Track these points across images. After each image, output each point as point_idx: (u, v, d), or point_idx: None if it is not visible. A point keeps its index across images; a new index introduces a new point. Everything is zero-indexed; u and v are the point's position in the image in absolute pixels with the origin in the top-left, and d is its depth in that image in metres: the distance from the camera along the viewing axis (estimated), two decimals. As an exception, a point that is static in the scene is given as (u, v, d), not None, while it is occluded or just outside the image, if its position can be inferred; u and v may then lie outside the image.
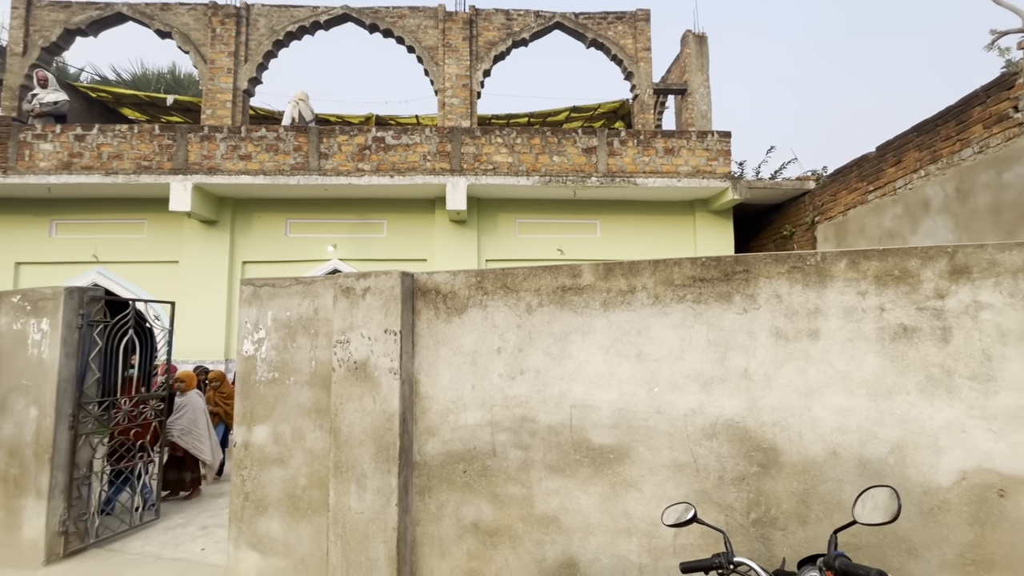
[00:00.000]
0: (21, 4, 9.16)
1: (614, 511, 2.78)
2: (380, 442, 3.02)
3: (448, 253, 8.67)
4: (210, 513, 5.05)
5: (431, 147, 8.15)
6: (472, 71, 9.33)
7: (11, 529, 4.01)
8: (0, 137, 7.95)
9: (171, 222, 8.66)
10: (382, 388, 3.05)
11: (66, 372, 4.12)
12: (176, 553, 4.15)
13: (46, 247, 8.74)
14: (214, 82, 9.11)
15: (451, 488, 3.04)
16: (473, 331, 3.09)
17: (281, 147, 8.07)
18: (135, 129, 8.11)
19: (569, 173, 8.19)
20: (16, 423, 4.10)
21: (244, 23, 9.26)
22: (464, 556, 2.98)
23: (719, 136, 8.42)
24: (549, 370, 2.95)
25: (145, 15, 9.28)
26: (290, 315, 3.46)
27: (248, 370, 3.49)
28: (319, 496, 3.26)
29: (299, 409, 3.37)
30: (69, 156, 7.97)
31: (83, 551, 4.16)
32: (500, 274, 3.09)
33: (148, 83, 15.49)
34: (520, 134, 8.26)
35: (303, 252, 8.78)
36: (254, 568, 3.33)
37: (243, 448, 3.43)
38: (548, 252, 8.88)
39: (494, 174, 8.13)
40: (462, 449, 3.04)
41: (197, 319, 8.31)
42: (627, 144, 8.28)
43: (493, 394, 3.02)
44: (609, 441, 2.82)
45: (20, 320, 4.19)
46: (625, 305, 2.88)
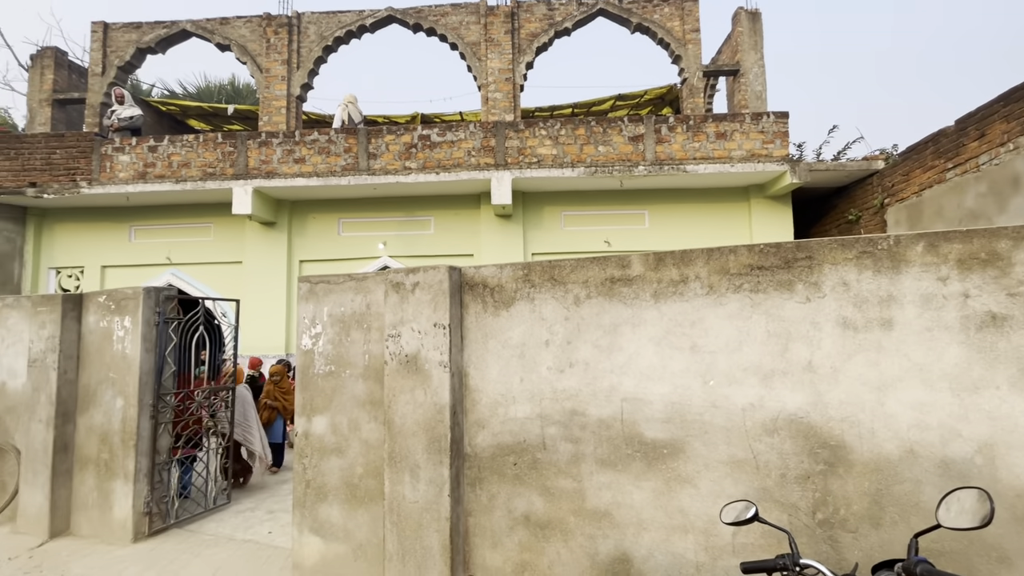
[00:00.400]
0: (99, 28, 9.94)
1: (669, 507, 2.71)
2: (432, 434, 3.08)
3: (494, 248, 8.71)
4: (276, 499, 5.34)
5: (475, 143, 8.20)
6: (515, 64, 9.29)
7: (104, 509, 4.40)
8: (85, 151, 8.69)
9: (234, 225, 9.18)
10: (432, 381, 3.11)
11: (146, 365, 4.46)
12: (246, 535, 4.42)
13: (127, 251, 9.49)
14: (269, 90, 9.55)
15: (502, 480, 3.06)
16: (521, 324, 3.08)
17: (332, 149, 8.36)
18: (200, 138, 8.64)
19: (615, 163, 8.02)
20: (105, 412, 4.49)
21: (295, 31, 9.64)
22: (516, 548, 3.00)
23: (775, 117, 7.99)
24: (598, 363, 2.90)
25: (206, 30, 9.84)
26: (344, 310, 3.58)
27: (307, 363, 3.64)
28: (375, 485, 3.37)
29: (354, 401, 3.49)
30: (144, 166, 8.60)
31: (165, 531, 4.51)
32: (547, 266, 3.07)
33: (211, 94, 16.47)
34: (564, 125, 8.15)
35: (355, 250, 9.08)
36: (316, 552, 3.49)
37: (304, 438, 3.60)
38: (595, 244, 8.75)
39: (538, 167, 8.08)
40: (512, 442, 3.05)
41: (260, 315, 8.79)
42: (676, 130, 8.00)
43: (542, 387, 3.00)
44: (662, 436, 2.74)
45: (106, 318, 4.58)
46: (677, 296, 2.78)
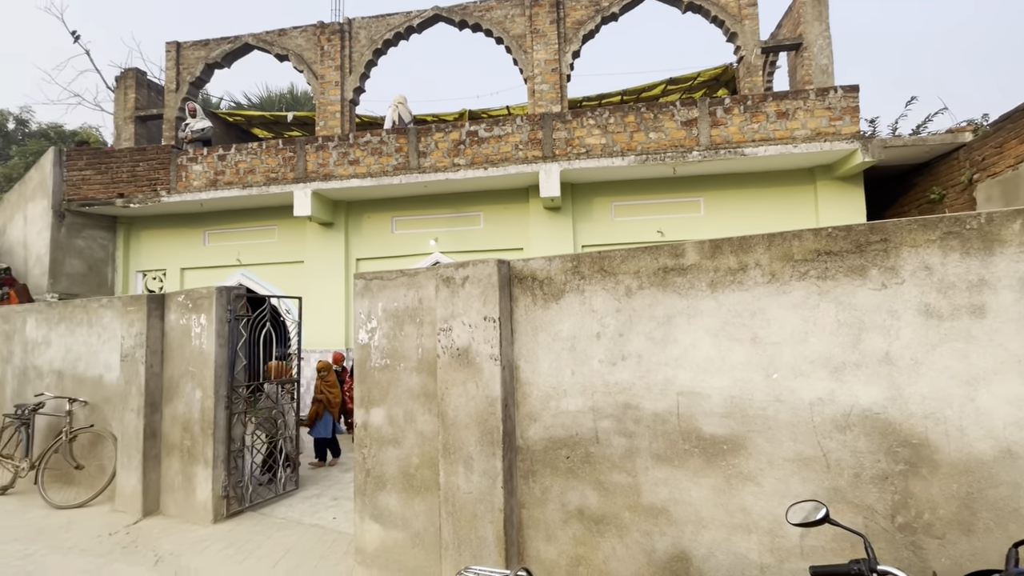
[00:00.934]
0: (173, 48, 10.71)
1: (729, 505, 2.59)
2: (484, 426, 3.11)
3: (543, 240, 8.67)
4: (340, 486, 5.60)
5: (522, 136, 8.17)
6: (561, 54, 9.16)
7: (188, 491, 4.78)
8: (164, 163, 9.41)
9: (296, 226, 9.66)
10: (484, 374, 3.13)
11: (220, 359, 4.79)
12: (313, 520, 4.66)
13: (202, 254, 10.22)
14: (324, 96, 9.95)
15: (555, 473, 3.04)
16: (571, 316, 3.05)
17: (384, 149, 8.60)
18: (263, 146, 9.14)
19: (667, 149, 7.75)
20: (186, 403, 4.86)
21: (347, 37, 9.97)
22: (570, 541, 2.98)
23: (844, 92, 7.42)
24: (652, 355, 2.82)
25: (266, 42, 10.37)
26: (397, 305, 3.67)
27: (364, 357, 3.78)
28: (430, 475, 3.45)
29: (409, 393, 3.58)
30: (215, 174, 9.21)
31: (241, 513, 4.83)
32: (597, 257, 3.01)
33: (272, 103, 17.39)
34: (613, 113, 7.96)
35: (408, 247, 9.32)
36: (377, 538, 3.63)
37: (363, 428, 3.74)
38: (647, 234, 8.51)
39: (587, 157, 7.95)
40: (564, 435, 3.02)
41: (320, 312, 9.22)
42: (732, 112, 7.62)
43: (594, 380, 2.96)
44: (721, 431, 2.63)
45: (185, 316, 4.94)
46: (736, 285, 2.65)
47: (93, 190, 9.55)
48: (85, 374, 5.79)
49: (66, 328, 6.07)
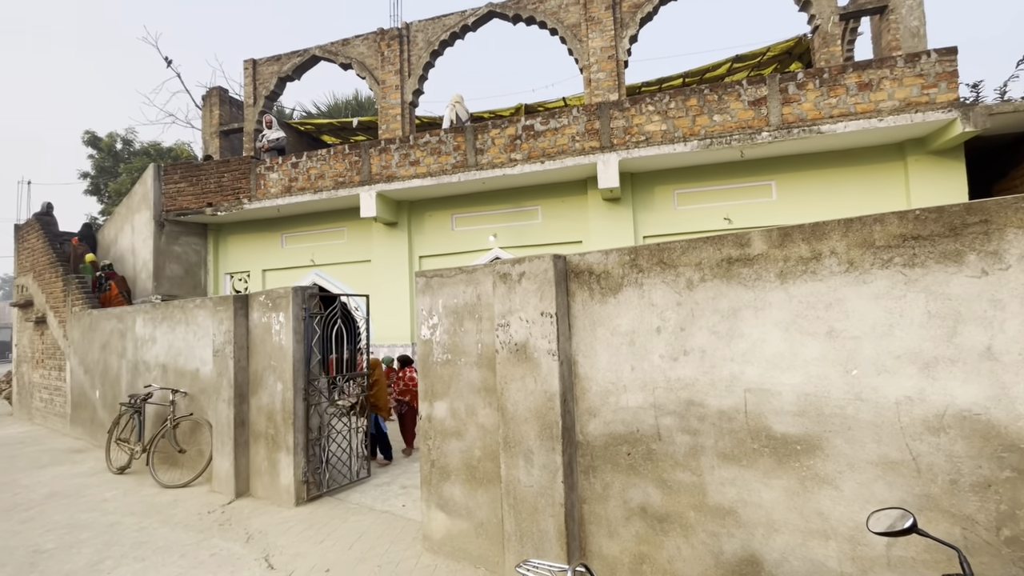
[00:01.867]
0: (250, 65, 11.52)
1: (804, 509, 2.45)
2: (543, 420, 3.13)
3: (603, 233, 8.52)
4: (408, 475, 5.84)
5: (579, 127, 8.05)
6: (617, 40, 8.91)
7: (272, 476, 5.18)
8: (245, 173, 10.18)
9: (363, 227, 10.13)
10: (542, 369, 3.15)
11: (298, 354, 5.13)
12: (384, 507, 4.90)
13: (280, 256, 10.98)
14: (386, 100, 10.32)
15: (616, 470, 3.00)
16: (629, 311, 2.98)
17: (443, 149, 8.79)
18: (331, 151, 9.64)
19: (734, 132, 7.34)
20: (269, 394, 5.26)
21: (405, 41, 10.27)
22: (633, 539, 2.93)
23: (939, 56, 6.67)
24: (716, 350, 2.70)
25: (331, 52, 10.90)
26: (457, 302, 3.76)
27: (426, 352, 3.91)
28: (492, 468, 3.52)
29: (470, 387, 3.66)
30: (289, 181, 9.84)
31: (319, 498, 5.17)
32: (655, 249, 2.92)
33: (339, 110, 18.27)
34: (673, 97, 7.65)
35: (468, 243, 9.49)
36: (443, 526, 3.76)
37: (427, 421, 3.88)
38: (713, 222, 8.13)
39: (647, 145, 7.70)
40: (625, 431, 2.98)
41: (387, 309, 9.62)
42: (806, 87, 7.08)
43: (654, 376, 2.88)
44: (794, 430, 2.48)
45: (266, 315, 5.34)
46: (809, 275, 2.48)
47: (187, 201, 10.52)
48: (184, 367, 6.42)
49: (168, 326, 6.75)
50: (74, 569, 3.89)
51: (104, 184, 18.29)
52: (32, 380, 10.91)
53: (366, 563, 3.76)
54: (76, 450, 7.89)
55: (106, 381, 7.99)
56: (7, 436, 9.34)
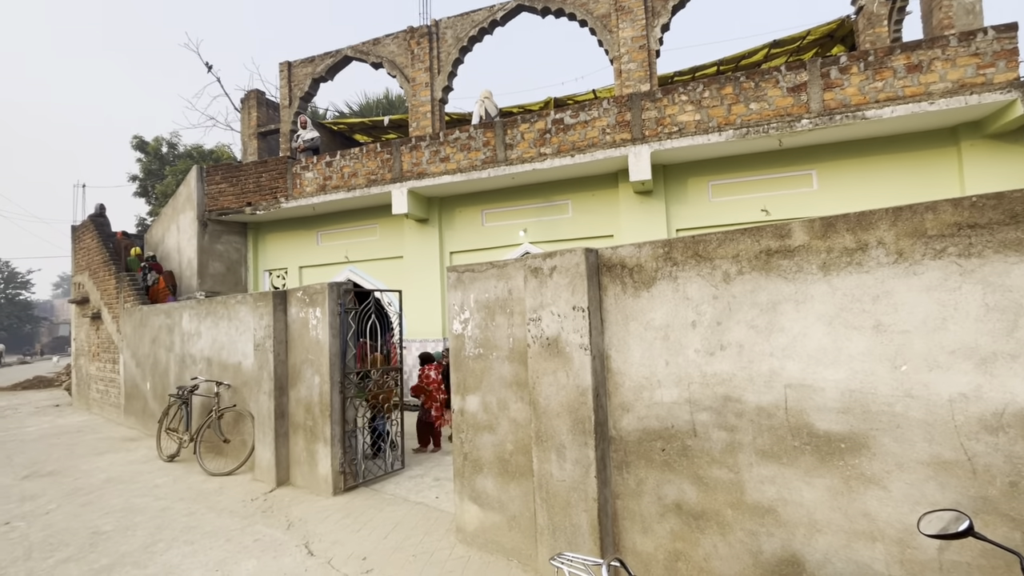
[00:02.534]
0: (285, 67, 11.83)
1: (849, 509, 2.36)
2: (575, 415, 3.12)
3: (634, 226, 8.39)
4: (441, 468, 5.93)
5: (609, 119, 7.94)
6: (648, 30, 8.73)
7: (312, 466, 5.35)
8: (281, 173, 10.49)
9: (395, 224, 10.30)
10: (574, 363, 3.13)
11: (334, 348, 5.27)
12: (418, 498, 4.99)
13: (315, 253, 11.27)
14: (416, 97, 10.42)
15: (650, 465, 2.97)
16: (663, 305, 2.93)
17: (472, 145, 8.83)
18: (363, 150, 9.82)
19: (772, 120, 7.10)
20: (307, 387, 5.42)
21: (434, 39, 10.34)
22: (667, 535, 2.90)
23: (997, 33, 6.26)
24: (755, 345, 2.63)
25: (362, 52, 11.08)
26: (488, 296, 3.78)
27: (458, 347, 3.95)
28: (524, 461, 3.53)
29: (502, 382, 3.68)
30: (323, 180, 10.08)
31: (355, 488, 5.31)
32: (690, 242, 2.86)
33: (371, 109, 18.58)
34: (707, 86, 7.44)
35: (498, 239, 9.52)
36: (475, 518, 3.80)
37: (460, 414, 3.92)
38: (750, 214, 7.89)
39: (679, 136, 7.53)
40: (659, 427, 2.94)
41: (419, 304, 9.76)
42: (850, 71, 6.77)
43: (689, 371, 2.83)
44: (838, 428, 2.39)
45: (303, 310, 5.50)
46: (854, 266, 2.38)
47: (227, 201, 10.92)
48: (227, 361, 6.69)
49: (212, 322, 7.04)
50: (130, 550, 4.12)
51: (151, 186, 19.17)
52: (89, 372, 11.58)
53: (401, 552, 3.84)
54: (130, 438, 8.34)
55: (156, 373, 8.41)
56: (68, 424, 9.96)
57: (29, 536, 4.51)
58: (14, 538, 4.49)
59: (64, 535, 4.48)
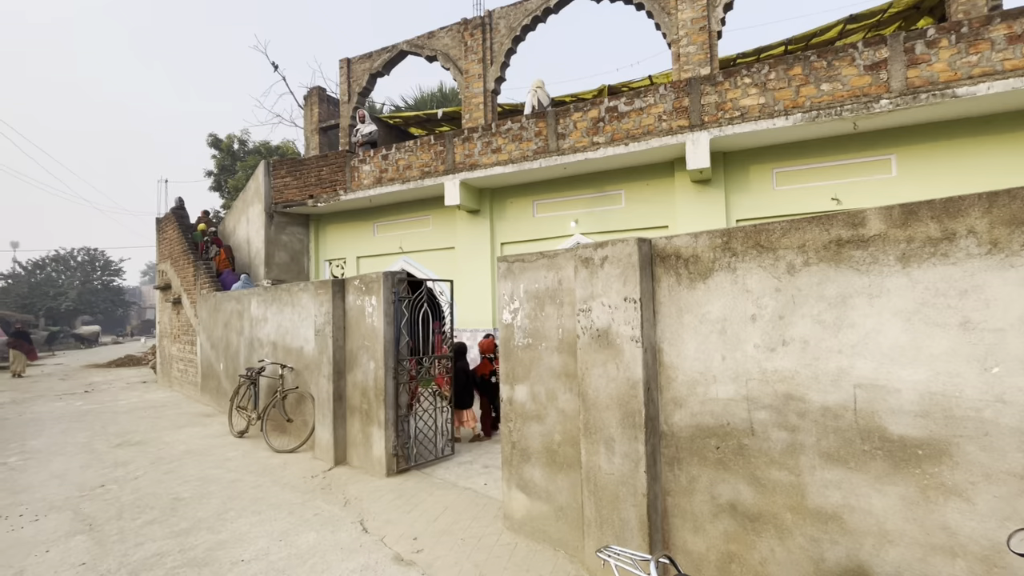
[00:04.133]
0: (344, 64, 12.24)
1: (925, 521, 2.18)
2: (625, 408, 3.06)
3: (691, 217, 8.09)
4: (490, 456, 6.01)
5: (666, 105, 7.66)
6: (710, 10, 8.32)
7: (366, 447, 5.57)
8: (341, 166, 10.90)
9: (447, 215, 10.46)
10: (624, 355, 3.07)
11: (388, 335, 5.44)
12: (467, 484, 5.09)
13: (372, 243, 11.67)
14: (469, 89, 10.49)
15: (703, 463, 2.87)
16: (720, 297, 2.81)
17: (524, 135, 8.79)
18: (418, 143, 10.02)
19: (845, 101, 6.59)
20: (363, 372, 5.64)
21: (488, 29, 10.34)
22: (720, 536, 2.79)
23: (1121, -7, 5.48)
24: (821, 341, 2.47)
25: (417, 46, 11.27)
26: (538, 287, 3.77)
27: (508, 336, 3.96)
28: (572, 453, 3.51)
29: (550, 372, 3.67)
30: (380, 172, 10.39)
31: (407, 471, 5.49)
32: (751, 231, 2.71)
33: (425, 102, 18.91)
34: (773, 67, 7.01)
35: (549, 230, 9.46)
36: (523, 507, 3.83)
37: (508, 403, 3.95)
38: (818, 203, 7.40)
39: (742, 121, 7.15)
40: (713, 424, 2.83)
41: (470, 294, 9.89)
42: (938, 44, 6.16)
43: (748, 367, 2.70)
44: (915, 433, 2.21)
45: (360, 298, 5.71)
46: (938, 257, 2.18)
47: (292, 194, 11.48)
48: (291, 345, 7.07)
49: (277, 308, 7.45)
50: (205, 516, 4.47)
51: (224, 181, 20.48)
52: (171, 353, 12.61)
53: (450, 536, 3.93)
54: (205, 414, 9.03)
55: (228, 355, 9.03)
56: (153, 400, 10.91)
57: (120, 498, 4.98)
58: (108, 499, 4.98)
59: (149, 499, 4.93)
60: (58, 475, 5.79)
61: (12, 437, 7.69)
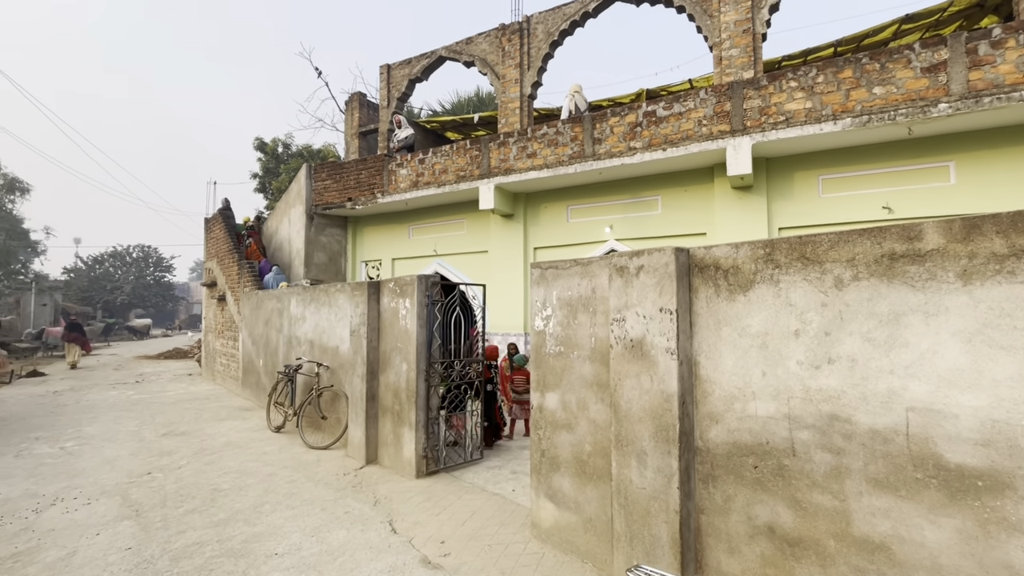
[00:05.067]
0: (384, 70, 12.52)
1: (985, 558, 2.03)
2: (659, 422, 2.98)
3: (731, 224, 7.86)
4: (518, 461, 5.99)
5: (707, 110, 7.48)
6: (754, 11, 8.09)
7: (397, 448, 5.65)
8: (379, 170, 11.13)
9: (481, 219, 10.53)
10: (659, 368, 3.00)
11: (420, 338, 5.50)
12: (495, 489, 5.08)
13: (407, 245, 11.86)
14: (505, 94, 10.55)
15: (739, 482, 2.77)
16: (762, 310, 2.71)
17: (560, 140, 8.76)
18: (454, 147, 10.13)
19: (900, 105, 6.27)
20: (395, 373, 5.72)
21: (525, 35, 10.37)
22: (757, 559, 2.68)
23: None
24: (871, 360, 2.34)
25: (456, 52, 11.41)
26: (571, 294, 3.73)
27: (539, 343, 3.94)
28: (602, 464, 3.45)
29: (582, 381, 3.62)
30: (416, 176, 10.56)
31: (436, 473, 5.53)
32: (796, 243, 2.60)
33: (462, 107, 19.13)
34: (821, 70, 6.74)
35: (583, 235, 9.38)
36: (551, 516, 3.79)
37: (538, 411, 3.92)
38: (868, 211, 7.06)
39: (786, 126, 6.90)
40: (751, 441, 2.72)
41: (502, 298, 9.91)
42: (1005, 44, 5.78)
43: (790, 384, 2.59)
44: (974, 462, 2.07)
45: (394, 300, 5.80)
46: (1004, 276, 2.03)
47: (331, 196, 11.81)
48: (327, 344, 7.25)
49: (314, 308, 7.66)
50: (242, 508, 4.62)
51: (269, 183, 21.26)
52: (215, 347, 13.15)
53: (477, 541, 3.93)
54: (245, 408, 9.36)
55: (267, 352, 9.34)
56: (197, 392, 11.39)
57: (165, 487, 5.22)
58: (154, 487, 5.22)
59: (191, 489, 5.13)
60: (109, 461, 6.11)
61: (70, 423, 8.18)
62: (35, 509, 4.65)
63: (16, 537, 4.08)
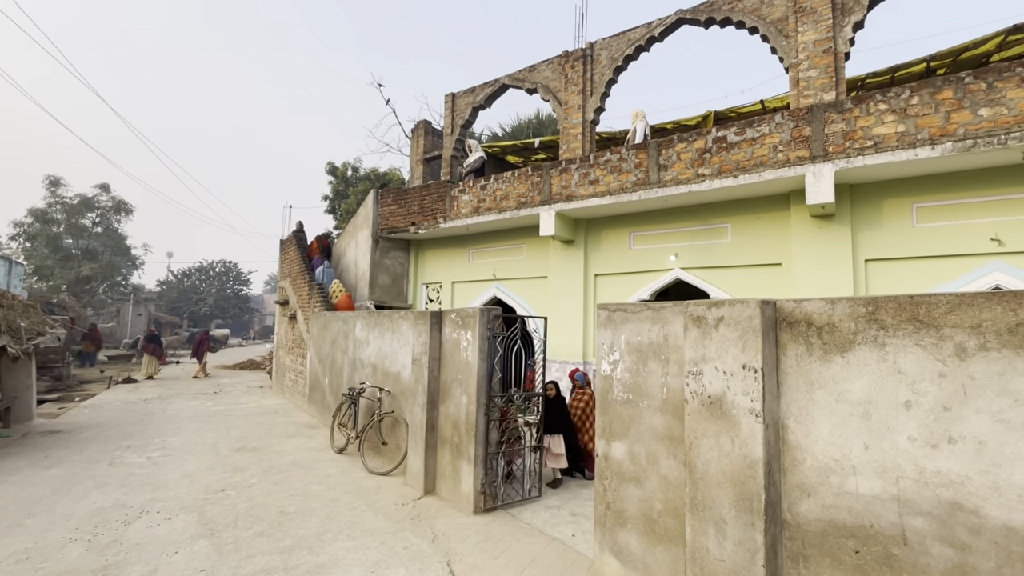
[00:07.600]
0: (449, 98, 12.91)
1: None
2: (741, 489, 2.74)
3: (810, 255, 7.34)
4: (578, 502, 5.78)
5: (783, 135, 7.08)
6: (836, 30, 7.62)
7: (455, 481, 5.61)
8: (441, 196, 11.41)
9: (541, 244, 10.49)
10: (741, 429, 2.76)
11: (482, 371, 5.48)
12: (554, 532, 4.90)
13: (466, 269, 12.01)
14: (568, 120, 10.54)
15: (837, 566, 2.47)
16: (864, 375, 2.43)
17: (623, 167, 8.60)
18: (515, 174, 10.21)
19: (1012, 128, 5.63)
20: (455, 405, 5.72)
21: (589, 61, 10.36)
22: (859, 659, 2.37)
23: None
24: (1004, 445, 2.03)
25: (518, 80, 11.58)
26: (641, 340, 3.56)
27: (606, 388, 3.78)
28: (674, 525, 3.22)
29: (652, 433, 3.42)
30: (477, 202, 10.71)
31: (493, 510, 5.42)
32: (906, 303, 2.33)
33: (522, 130, 19.38)
34: (916, 91, 6.20)
35: (646, 263, 9.10)
36: (616, 573, 3.57)
37: (603, 460, 3.74)
38: (973, 243, 6.36)
39: (874, 152, 6.39)
40: (851, 522, 2.43)
41: (561, 325, 9.76)
42: None
43: (900, 462, 2.29)
44: None
45: (456, 331, 5.83)
46: None
47: (396, 220, 12.22)
48: (389, 369, 7.40)
49: (378, 332, 7.87)
50: (306, 535, 4.73)
51: (338, 205, 22.41)
52: (285, 363, 13.84)
53: (537, 593, 3.77)
54: (310, 425, 9.72)
55: (333, 371, 9.68)
56: (268, 406, 11.99)
57: (237, 505, 5.45)
58: (227, 504, 5.47)
59: (260, 510, 5.33)
60: (189, 475, 6.49)
61: (156, 432, 8.82)
62: (124, 521, 4.99)
63: (107, 549, 4.37)
